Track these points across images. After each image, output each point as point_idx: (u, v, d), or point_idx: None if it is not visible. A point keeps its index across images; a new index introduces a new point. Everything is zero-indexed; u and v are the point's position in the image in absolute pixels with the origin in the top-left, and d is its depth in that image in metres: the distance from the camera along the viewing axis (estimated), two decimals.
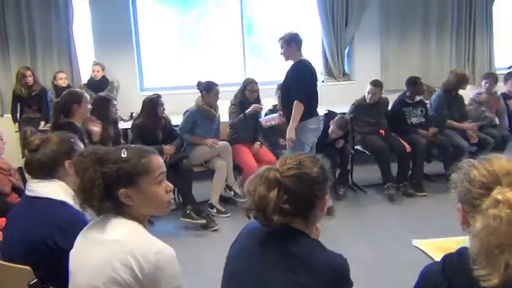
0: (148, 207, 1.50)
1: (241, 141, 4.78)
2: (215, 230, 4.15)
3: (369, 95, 5.02)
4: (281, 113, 4.58)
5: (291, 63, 4.11)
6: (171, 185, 1.54)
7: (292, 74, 4.10)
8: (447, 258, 1.21)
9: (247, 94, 4.74)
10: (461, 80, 5.17)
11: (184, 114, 4.70)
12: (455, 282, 1.16)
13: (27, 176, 3.35)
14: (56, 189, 1.82)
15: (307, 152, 1.43)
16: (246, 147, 4.76)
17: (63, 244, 1.63)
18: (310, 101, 4.12)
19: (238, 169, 4.77)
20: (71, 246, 1.52)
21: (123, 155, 1.45)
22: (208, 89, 4.56)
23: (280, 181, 1.37)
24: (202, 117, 4.58)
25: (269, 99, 5.18)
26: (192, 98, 4.75)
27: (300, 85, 4.03)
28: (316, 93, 4.23)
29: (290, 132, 4.06)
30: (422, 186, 4.89)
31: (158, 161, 1.51)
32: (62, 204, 1.77)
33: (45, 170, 1.85)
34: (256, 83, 4.80)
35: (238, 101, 4.78)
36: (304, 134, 4.10)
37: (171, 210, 1.59)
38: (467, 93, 5.69)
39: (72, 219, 1.71)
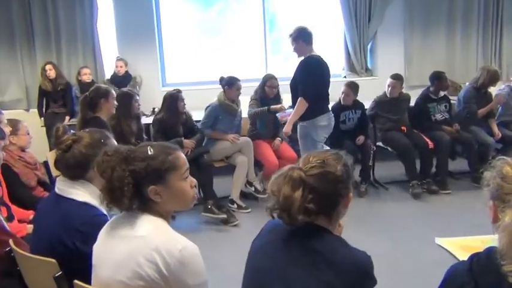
0: (174, 203, 1.52)
1: (261, 137, 4.77)
2: (235, 225, 4.16)
3: (389, 89, 4.95)
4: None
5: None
6: (195, 180, 1.57)
7: (299, 70, 4.06)
8: (475, 257, 1.20)
9: (267, 90, 4.73)
10: (494, 78, 5.07)
11: (206, 109, 4.72)
12: (482, 282, 1.14)
13: (52, 170, 3.44)
14: (82, 192, 1.80)
15: (330, 149, 1.41)
16: (267, 143, 4.76)
17: (82, 247, 1.65)
18: (321, 97, 4.09)
19: (258, 165, 4.77)
20: (90, 249, 1.54)
21: (149, 153, 1.47)
22: (230, 84, 4.57)
23: (304, 180, 1.36)
24: (224, 112, 4.59)
25: (289, 95, 5.15)
26: (213, 94, 4.76)
27: (306, 82, 3.98)
28: (327, 89, 4.17)
29: (287, 126, 4.10)
30: (447, 183, 4.81)
31: (183, 157, 1.53)
32: (85, 205, 1.76)
33: (74, 171, 1.83)
34: (275, 79, 4.77)
35: (258, 97, 4.77)
36: (315, 131, 4.08)
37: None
38: (493, 89, 5.56)
39: (92, 222, 1.69)
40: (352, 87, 4.88)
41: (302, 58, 4.06)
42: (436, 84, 5.06)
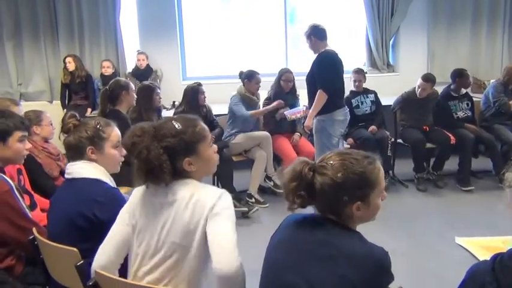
0: (204, 170, 1.63)
1: (280, 132, 4.77)
2: (254, 220, 4.17)
3: (419, 90, 4.88)
4: (306, 105, 4.55)
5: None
6: (216, 146, 1.68)
7: (316, 65, 4.09)
8: (497, 257, 1.18)
9: (283, 84, 4.74)
10: None
11: (231, 99, 4.67)
12: (505, 282, 1.12)
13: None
14: (91, 170, 1.90)
15: (351, 149, 1.41)
16: (286, 138, 4.75)
17: (101, 215, 1.74)
18: (337, 92, 4.12)
19: (277, 160, 4.77)
20: (109, 217, 1.64)
21: (178, 127, 1.55)
22: (249, 78, 4.60)
23: (302, 175, 1.39)
24: (244, 104, 4.60)
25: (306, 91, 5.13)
26: (233, 88, 4.78)
27: (324, 75, 4.02)
28: (343, 84, 4.21)
29: (308, 120, 4.10)
30: (470, 181, 4.74)
31: (206, 126, 1.65)
32: (97, 181, 1.86)
33: (73, 152, 1.94)
34: (291, 73, 4.78)
35: (273, 92, 4.78)
36: (331, 125, 4.10)
37: None
38: None
39: (107, 193, 1.82)
40: (363, 73, 5.09)
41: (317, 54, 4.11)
42: (457, 82, 4.98)
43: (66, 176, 1.94)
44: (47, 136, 3.31)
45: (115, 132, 1.99)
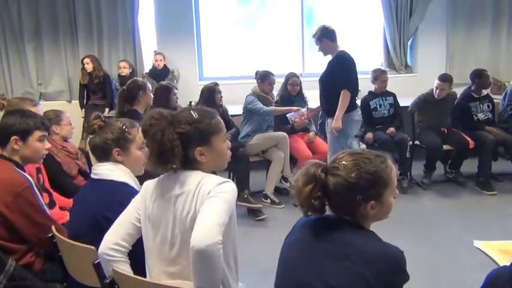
0: (215, 163, 1.64)
1: (295, 132, 4.76)
2: (269, 221, 4.17)
3: (437, 91, 4.82)
4: (309, 107, 4.60)
5: (330, 57, 4.11)
6: (229, 143, 1.70)
7: (335, 65, 4.05)
8: None
9: (289, 88, 4.79)
10: None
11: (246, 98, 4.66)
12: None
13: (92, 160, 3.55)
14: (119, 173, 1.92)
15: (362, 149, 1.42)
16: (300, 138, 4.75)
17: None
18: (356, 92, 4.15)
19: (293, 160, 4.76)
20: None
21: (195, 116, 1.57)
22: (263, 78, 4.62)
23: (317, 178, 1.39)
24: (260, 102, 4.59)
25: (313, 92, 5.10)
26: (250, 89, 4.78)
27: (345, 75, 3.99)
28: (358, 84, 4.23)
29: (336, 121, 4.01)
30: (491, 184, 4.68)
31: (223, 122, 1.68)
32: (124, 184, 1.88)
33: (99, 153, 1.96)
34: (297, 77, 4.84)
35: (280, 96, 4.81)
36: (350, 125, 4.10)
37: None
38: None
39: (132, 198, 1.78)
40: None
41: (329, 56, 4.11)
42: (477, 83, 4.91)
43: (92, 176, 1.96)
44: (66, 135, 3.35)
45: (140, 133, 1.99)
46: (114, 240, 1.60)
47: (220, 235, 1.38)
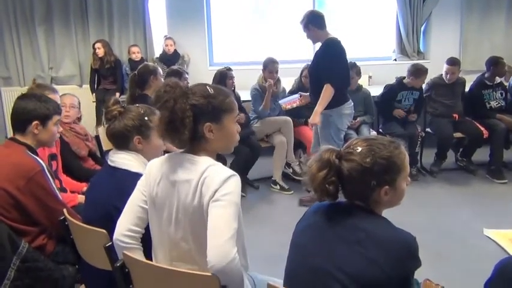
0: (222, 144, 1.61)
1: (301, 118, 4.73)
2: (276, 206, 4.18)
3: (448, 75, 4.77)
4: (301, 93, 4.41)
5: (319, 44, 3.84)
6: (239, 127, 1.66)
7: (322, 55, 3.77)
8: None
9: (303, 80, 4.73)
10: None
11: (250, 90, 4.69)
12: None
13: (103, 144, 3.56)
14: (134, 163, 1.92)
15: (375, 135, 1.41)
16: (306, 126, 4.72)
17: None
18: (345, 85, 3.87)
19: (302, 147, 4.75)
20: None
21: (210, 91, 1.55)
22: (264, 66, 4.61)
23: (331, 163, 1.39)
24: (261, 95, 4.59)
25: None
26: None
27: (331, 66, 3.67)
28: (349, 76, 4.00)
29: (314, 117, 3.73)
30: (502, 173, 4.64)
31: (236, 103, 1.64)
32: (138, 175, 1.82)
33: (117, 141, 1.95)
34: None
35: (296, 87, 4.76)
36: (340, 120, 3.83)
37: None
38: None
39: None
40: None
41: (319, 44, 3.84)
42: (492, 70, 4.83)
43: (109, 162, 1.95)
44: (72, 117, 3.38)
45: None
46: (127, 226, 1.61)
47: (235, 247, 1.41)
